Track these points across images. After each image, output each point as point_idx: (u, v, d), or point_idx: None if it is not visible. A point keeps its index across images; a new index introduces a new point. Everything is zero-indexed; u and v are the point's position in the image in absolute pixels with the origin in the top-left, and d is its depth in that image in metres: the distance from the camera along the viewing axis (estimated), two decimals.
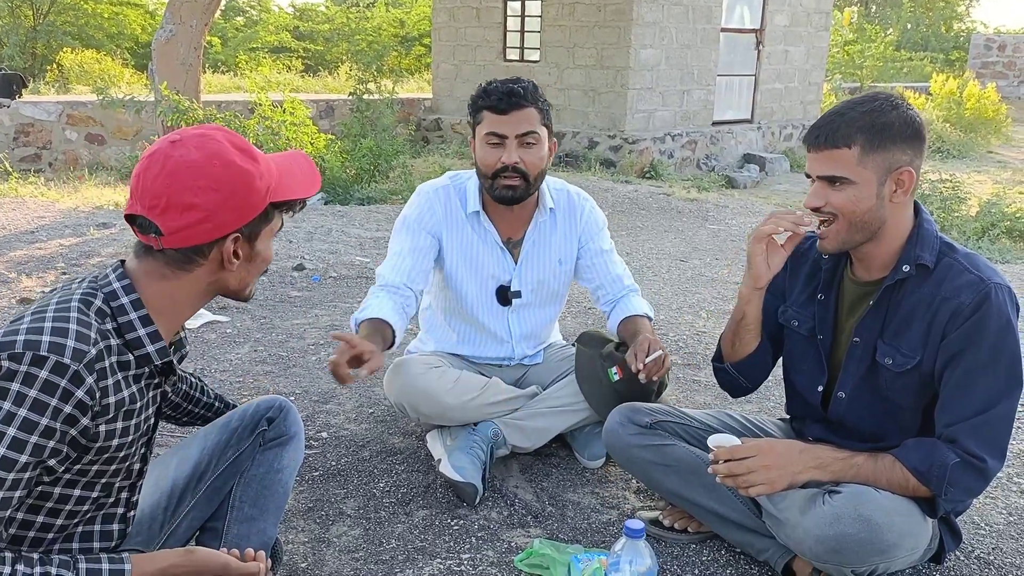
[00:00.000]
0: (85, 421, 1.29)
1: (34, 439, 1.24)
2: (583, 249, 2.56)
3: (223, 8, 23.06)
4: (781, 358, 2.14)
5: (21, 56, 18.13)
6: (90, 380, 1.27)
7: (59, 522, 1.39)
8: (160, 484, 1.71)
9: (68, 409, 1.26)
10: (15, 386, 1.23)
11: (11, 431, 1.23)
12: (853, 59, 19.88)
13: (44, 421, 1.24)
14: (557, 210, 2.52)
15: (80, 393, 1.26)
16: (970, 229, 7.15)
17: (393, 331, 2.26)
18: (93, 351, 1.28)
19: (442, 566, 2.01)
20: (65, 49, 18.03)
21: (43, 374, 1.23)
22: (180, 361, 1.55)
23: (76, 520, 1.42)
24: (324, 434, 2.70)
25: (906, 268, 1.80)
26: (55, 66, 17.24)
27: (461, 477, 2.26)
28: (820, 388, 2.00)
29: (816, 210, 1.80)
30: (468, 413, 2.38)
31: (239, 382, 3.13)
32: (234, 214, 1.39)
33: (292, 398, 2.97)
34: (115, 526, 1.49)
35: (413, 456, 2.56)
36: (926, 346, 1.79)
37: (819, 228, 1.82)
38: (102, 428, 1.33)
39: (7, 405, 1.23)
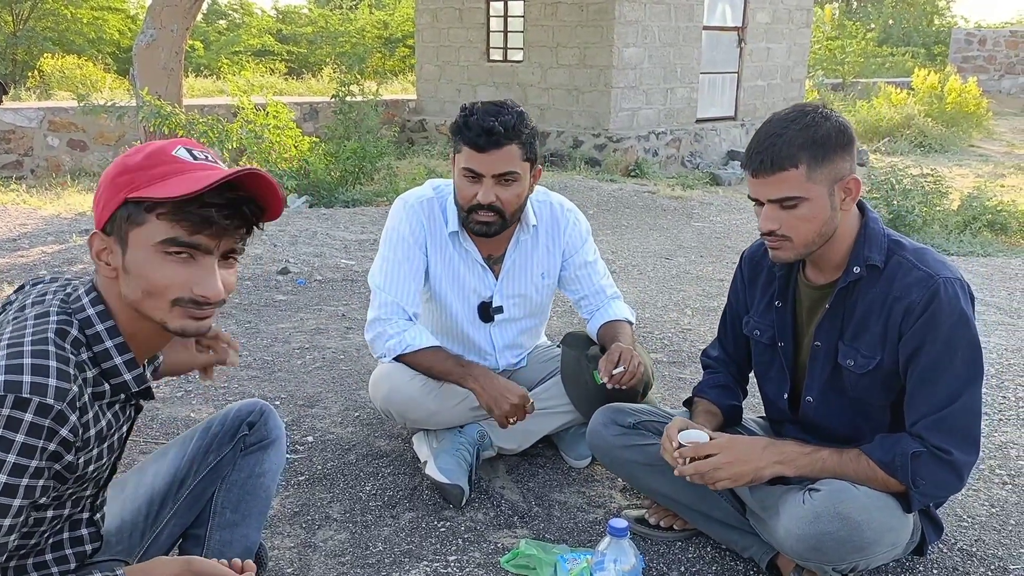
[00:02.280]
0: (69, 457, 1.27)
1: (25, 482, 1.21)
2: (567, 262, 2.54)
3: (205, 12, 23.00)
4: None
5: (1, 62, 18.02)
6: (73, 418, 1.24)
7: (32, 542, 1.37)
8: (140, 492, 1.70)
9: (53, 447, 1.23)
10: None
11: (1, 477, 1.18)
12: (835, 55, 19.99)
13: (33, 463, 1.20)
14: (540, 225, 2.48)
15: (64, 431, 1.23)
16: (952, 223, 7.21)
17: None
18: (75, 388, 1.24)
19: (429, 568, 2.01)
20: (46, 55, 17.93)
21: (28, 417, 1.19)
22: (154, 373, 1.52)
23: (47, 535, 1.40)
24: (310, 438, 2.70)
25: (856, 270, 1.80)
26: (36, 72, 17.13)
27: (447, 479, 2.26)
28: (786, 395, 2.01)
29: (770, 233, 1.79)
30: (455, 417, 2.38)
31: (224, 387, 3.12)
32: (96, 209, 1.34)
33: (277, 403, 2.96)
34: (84, 531, 1.46)
35: (399, 459, 2.56)
36: (884, 346, 1.80)
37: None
38: (81, 459, 1.31)
39: None
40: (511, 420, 2.23)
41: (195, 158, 1.32)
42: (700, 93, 11.76)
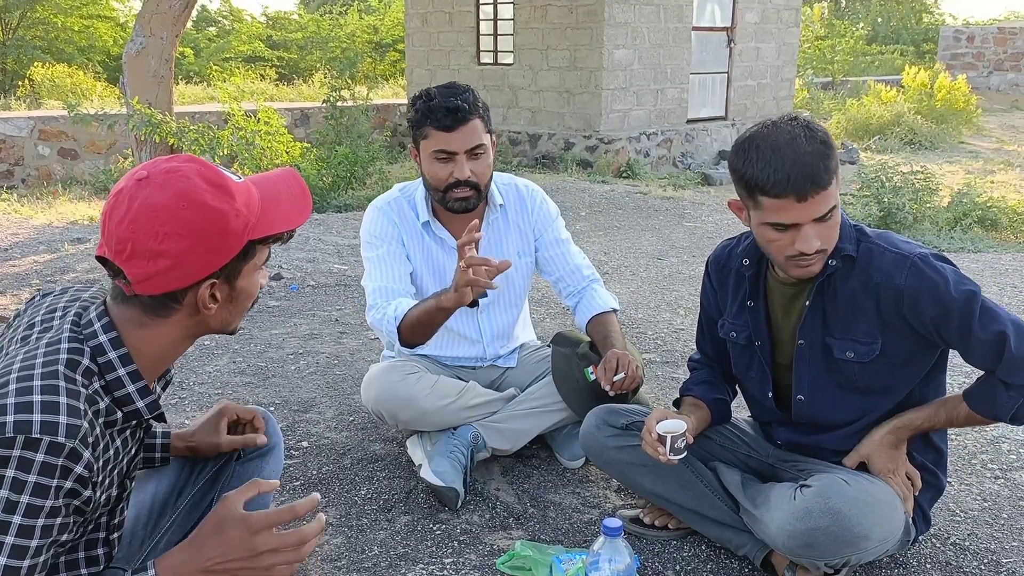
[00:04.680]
0: (87, 493, 1.25)
1: (41, 522, 1.19)
2: (539, 241, 2.58)
3: (195, 19, 22.92)
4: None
5: None
6: (87, 455, 1.21)
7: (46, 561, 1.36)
8: (139, 500, 1.70)
9: (69, 485, 1.21)
10: (10, 472, 1.16)
11: (16, 519, 1.16)
12: (824, 54, 20.05)
13: (48, 503, 1.18)
14: (507, 206, 2.55)
15: (79, 468, 1.21)
16: (942, 219, 7.23)
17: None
18: (85, 424, 1.22)
19: (425, 571, 2.02)
20: (36, 64, 17.88)
21: (39, 457, 1.17)
22: (164, 388, 1.52)
23: (60, 555, 1.39)
24: (305, 443, 2.70)
25: (833, 262, 1.82)
26: (26, 81, 17.09)
27: (442, 481, 2.27)
28: (770, 393, 2.02)
29: (813, 252, 1.75)
30: (446, 417, 2.39)
31: (218, 394, 3.12)
32: (205, 259, 1.30)
33: (272, 408, 2.96)
34: (100, 551, 1.46)
35: (394, 462, 2.56)
36: (884, 329, 1.81)
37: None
38: (97, 491, 1.30)
39: (4, 492, 1.15)
40: (469, 286, 1.98)
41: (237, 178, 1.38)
42: (690, 93, 11.79)
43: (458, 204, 2.37)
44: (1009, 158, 12.59)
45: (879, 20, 30.17)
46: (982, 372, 1.81)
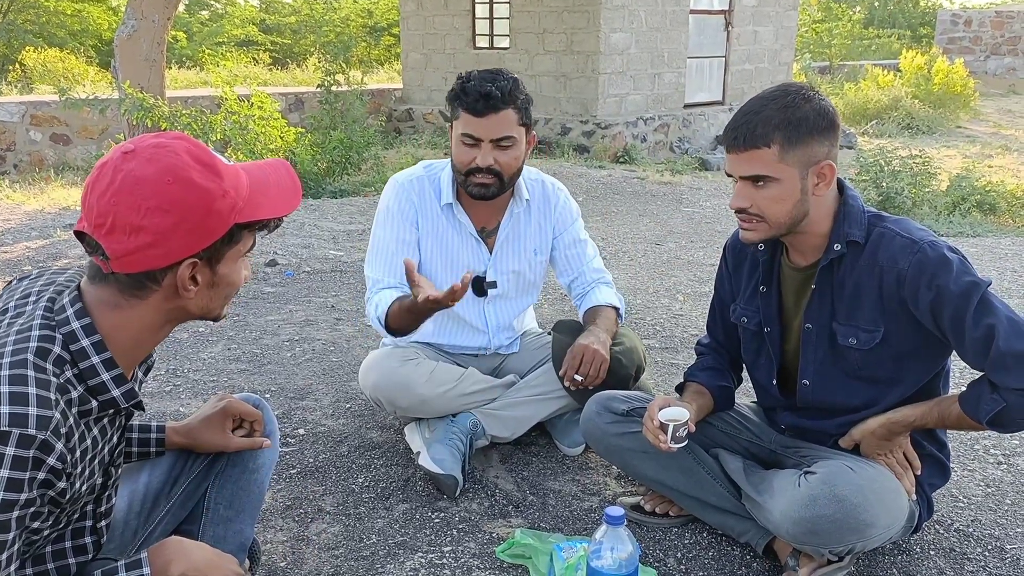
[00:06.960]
0: (61, 484, 1.22)
1: (16, 514, 1.16)
2: (558, 240, 2.55)
3: (187, 2, 22.78)
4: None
5: None
6: (59, 445, 1.18)
7: (30, 551, 1.33)
8: (133, 489, 1.67)
9: (42, 476, 1.18)
10: None
11: None
12: (821, 38, 20.00)
13: (23, 496, 1.15)
14: (532, 201, 2.50)
15: (52, 460, 1.18)
16: (941, 204, 7.22)
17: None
18: (57, 414, 1.18)
19: (424, 559, 1.99)
20: (27, 48, 17.74)
21: (10, 450, 1.13)
22: (146, 373, 1.49)
23: (45, 544, 1.37)
24: (301, 431, 2.67)
25: (837, 247, 1.80)
26: (17, 66, 16.96)
27: (441, 469, 2.24)
28: (774, 380, 2.00)
29: (741, 211, 1.79)
30: (445, 404, 2.36)
31: (213, 381, 3.09)
32: (188, 238, 1.25)
33: (267, 395, 2.93)
34: (87, 539, 1.43)
35: (392, 450, 2.54)
36: (885, 315, 1.78)
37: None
38: (73, 481, 1.27)
39: None
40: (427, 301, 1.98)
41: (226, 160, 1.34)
42: (688, 78, 11.73)
43: (476, 190, 2.32)
44: (1007, 142, 12.58)
45: (876, 3, 30.06)
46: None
